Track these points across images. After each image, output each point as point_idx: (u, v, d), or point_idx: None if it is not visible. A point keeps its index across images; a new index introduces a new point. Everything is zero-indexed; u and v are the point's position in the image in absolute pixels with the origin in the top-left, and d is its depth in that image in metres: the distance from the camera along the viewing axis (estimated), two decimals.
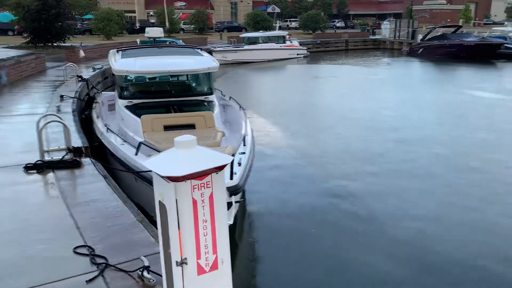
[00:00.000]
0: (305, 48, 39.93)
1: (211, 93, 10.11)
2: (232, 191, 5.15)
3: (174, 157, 2.75)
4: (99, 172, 5.78)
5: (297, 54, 38.25)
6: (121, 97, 9.61)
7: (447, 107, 17.68)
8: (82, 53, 21.05)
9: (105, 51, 25.70)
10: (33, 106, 10.70)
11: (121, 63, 9.38)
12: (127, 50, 10.95)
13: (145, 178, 5.91)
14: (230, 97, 10.57)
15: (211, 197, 2.67)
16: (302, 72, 32.05)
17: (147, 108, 9.14)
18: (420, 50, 40.10)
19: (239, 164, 6.07)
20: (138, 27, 49.92)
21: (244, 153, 6.60)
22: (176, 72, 9.30)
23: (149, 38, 12.49)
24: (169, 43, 22.81)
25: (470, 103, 18.51)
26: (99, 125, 8.72)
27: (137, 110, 8.94)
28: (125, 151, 6.69)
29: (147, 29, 12.09)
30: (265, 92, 22.75)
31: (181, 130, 8.08)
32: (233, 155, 6.40)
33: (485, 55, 35.09)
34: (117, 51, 10.68)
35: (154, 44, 11.84)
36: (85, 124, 10.05)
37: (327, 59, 38.92)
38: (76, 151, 6.28)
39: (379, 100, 18.89)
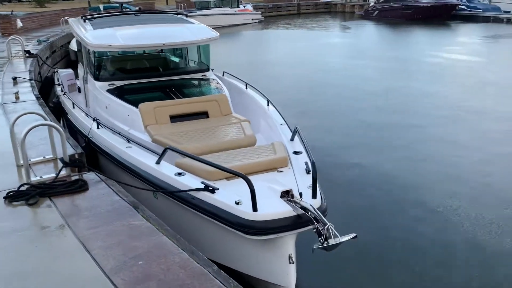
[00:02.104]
0: (260, 12, 38.02)
1: (208, 69, 8.38)
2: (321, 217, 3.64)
3: None
4: (122, 197, 4.03)
5: (252, 19, 36.37)
6: (98, 78, 7.65)
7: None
8: (19, 23, 18.05)
9: (45, 20, 22.56)
10: None
11: (98, 35, 7.37)
12: (96, 18, 8.83)
13: (182, 198, 4.28)
14: (224, 72, 8.86)
15: None
16: (261, 39, 30.28)
17: (137, 91, 7.28)
18: (375, 12, 39.39)
19: (307, 172, 4.57)
20: None
21: (299, 152, 5.09)
22: (172, 45, 7.44)
23: (115, 3, 10.37)
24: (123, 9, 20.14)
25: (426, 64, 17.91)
26: (82, 119, 6.79)
27: (125, 95, 7.06)
28: (140, 158, 4.95)
29: None
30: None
31: (192, 120, 6.39)
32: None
33: (441, 16, 34.98)
34: (84, 20, 8.55)
35: (127, 11, 9.77)
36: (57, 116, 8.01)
37: (282, 25, 37.22)
38: (74, 164, 4.47)
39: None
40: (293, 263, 4.00)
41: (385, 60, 19.79)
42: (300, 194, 3.94)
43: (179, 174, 4.50)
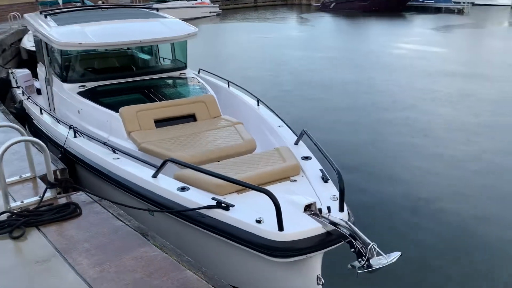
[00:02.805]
0: (217, 5, 37.27)
1: (185, 67, 7.83)
2: (360, 235, 3.25)
3: None
4: (124, 222, 3.47)
5: (210, 13, 35.60)
6: (66, 80, 6.94)
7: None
8: None
9: None
10: None
11: (65, 33, 6.64)
12: (58, 14, 8.04)
13: (190, 217, 3.78)
14: (199, 70, 8.33)
15: None
16: (219, 32, 29.64)
17: (112, 93, 6.64)
18: (332, 4, 39.63)
19: (325, 180, 4.16)
20: None
21: (308, 158, 4.68)
22: (150, 42, 6.80)
23: None
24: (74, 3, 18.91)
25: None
26: (55, 126, 6.07)
27: (100, 98, 6.41)
28: (133, 171, 4.37)
29: None
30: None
31: (179, 124, 5.86)
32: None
33: (396, 7, 35.63)
34: (44, 16, 7.74)
35: (92, 6, 8.99)
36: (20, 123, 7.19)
37: (241, 18, 36.67)
38: (60, 184, 3.84)
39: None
40: (321, 284, 3.61)
41: (342, 51, 19.97)
42: (328, 208, 3.53)
43: (183, 189, 3.98)
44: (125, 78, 7.14)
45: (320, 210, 3.53)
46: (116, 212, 3.67)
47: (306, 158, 4.64)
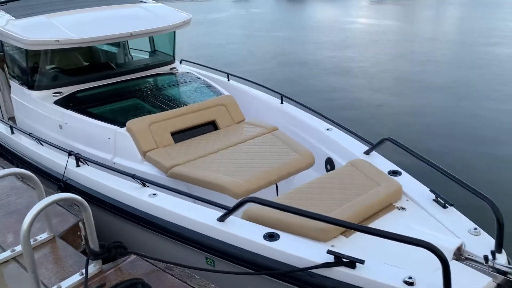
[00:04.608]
0: None
1: (174, 60, 6.67)
2: None
3: None
4: None
5: None
6: (33, 86, 5.56)
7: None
8: None
9: None
10: None
11: (29, 27, 5.23)
12: (7, 3, 6.47)
13: (297, 280, 2.80)
14: (181, 60, 7.18)
15: None
16: None
17: (100, 100, 5.37)
18: None
19: (444, 205, 3.33)
20: None
21: (397, 173, 3.81)
22: (142, 34, 5.50)
23: None
24: None
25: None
26: (44, 153, 4.66)
27: (87, 108, 5.14)
28: (192, 215, 3.27)
29: None
30: None
31: (199, 136, 4.79)
32: None
33: None
34: None
35: None
36: None
37: None
38: (106, 252, 2.69)
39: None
40: None
41: (296, 29, 19.42)
42: (493, 254, 2.72)
43: (271, 237, 2.98)
44: (106, 78, 5.85)
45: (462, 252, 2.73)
46: (197, 283, 2.61)
47: (395, 173, 3.78)
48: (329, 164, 4.55)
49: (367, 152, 4.11)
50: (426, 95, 10.11)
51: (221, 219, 3.16)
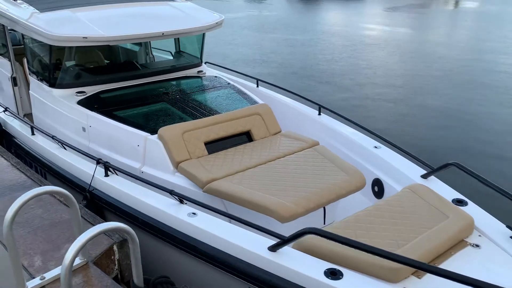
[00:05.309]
0: None
1: (201, 63, 6.33)
2: None
3: None
4: None
5: None
6: (55, 84, 5.22)
7: None
8: None
9: None
10: None
11: (55, 22, 4.88)
12: None
13: None
14: (205, 62, 6.81)
15: None
16: None
17: (126, 103, 5.00)
18: None
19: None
20: None
21: (463, 203, 3.45)
22: (174, 34, 5.14)
23: None
24: None
25: None
26: (68, 158, 4.30)
27: (113, 110, 4.79)
28: (233, 240, 2.89)
29: None
30: None
31: (234, 147, 4.42)
32: None
33: None
34: None
35: None
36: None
37: None
38: None
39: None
40: None
41: (314, 33, 19.05)
42: None
43: (333, 274, 2.62)
44: (132, 79, 5.51)
45: None
46: None
47: (460, 202, 3.41)
48: (377, 185, 4.18)
49: (425, 176, 3.73)
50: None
51: (273, 249, 2.79)
